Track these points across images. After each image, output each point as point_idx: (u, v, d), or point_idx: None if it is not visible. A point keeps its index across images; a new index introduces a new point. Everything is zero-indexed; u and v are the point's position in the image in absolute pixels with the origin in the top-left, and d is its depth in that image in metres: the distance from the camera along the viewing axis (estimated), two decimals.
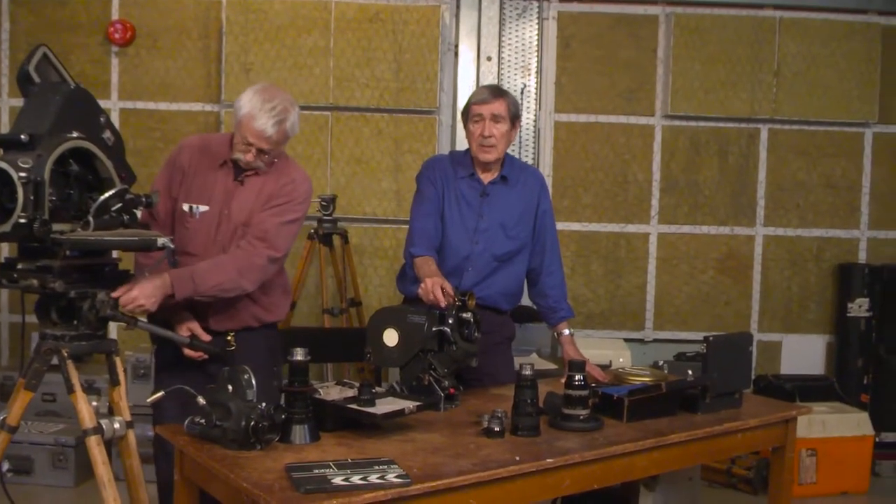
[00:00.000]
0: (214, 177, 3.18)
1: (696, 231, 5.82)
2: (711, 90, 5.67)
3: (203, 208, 3.16)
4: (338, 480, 2.16)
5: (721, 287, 5.84)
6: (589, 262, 5.79)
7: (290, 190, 3.20)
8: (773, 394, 5.02)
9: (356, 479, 2.17)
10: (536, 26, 5.72)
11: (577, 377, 2.76)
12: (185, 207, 3.18)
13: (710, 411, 3.03)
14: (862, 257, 5.88)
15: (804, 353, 5.87)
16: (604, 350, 4.89)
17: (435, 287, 2.99)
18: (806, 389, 5.33)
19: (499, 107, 3.35)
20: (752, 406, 3.21)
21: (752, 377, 5.47)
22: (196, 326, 3.11)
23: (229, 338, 3.18)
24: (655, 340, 5.83)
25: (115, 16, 5.61)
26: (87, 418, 2.61)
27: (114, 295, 2.74)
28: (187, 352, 3.07)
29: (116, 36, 5.56)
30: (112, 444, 2.76)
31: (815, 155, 5.83)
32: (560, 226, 5.15)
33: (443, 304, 2.96)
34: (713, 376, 3.04)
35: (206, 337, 3.11)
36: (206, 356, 3.09)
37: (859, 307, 5.68)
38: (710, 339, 3.10)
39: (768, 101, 5.69)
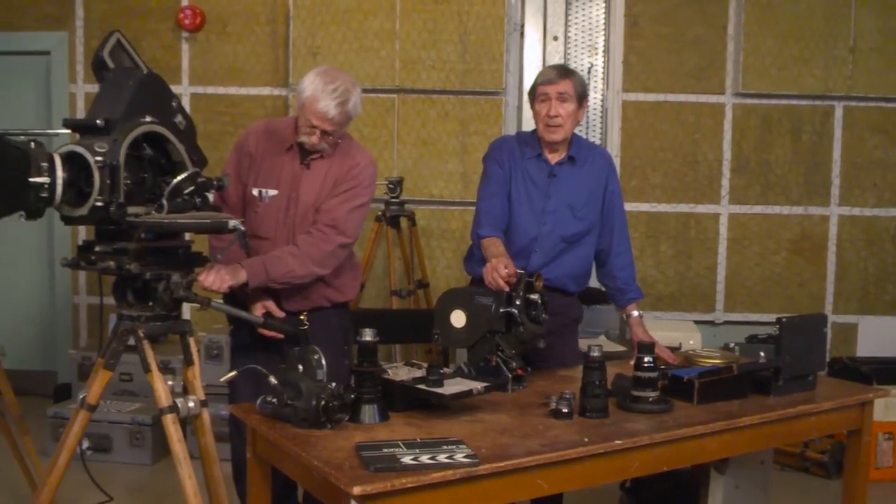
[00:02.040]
0: (281, 161, 3.23)
1: (769, 211, 5.71)
2: (784, 67, 5.54)
3: (272, 192, 3.21)
4: (407, 459, 2.17)
5: (794, 268, 5.73)
6: (658, 243, 5.72)
7: (356, 174, 3.24)
8: (848, 376, 4.90)
9: (425, 459, 2.18)
10: (603, 4, 5.65)
11: (646, 359, 2.74)
12: (255, 192, 3.23)
13: (783, 394, 2.98)
14: None
15: (881, 335, 5.73)
16: (673, 332, 4.83)
17: (499, 266, 2.97)
18: (883, 372, 5.19)
19: (565, 86, 3.31)
20: (827, 389, 3.14)
21: (827, 360, 5.36)
22: (271, 304, 3.17)
23: (302, 317, 3.24)
24: (726, 322, 5.76)
25: (185, 2, 5.71)
26: (162, 397, 2.67)
27: (198, 282, 2.85)
28: (261, 331, 3.12)
29: (186, 22, 5.65)
30: (187, 423, 2.81)
31: (893, 132, 5.67)
32: (628, 206, 5.09)
33: (504, 288, 2.95)
34: (786, 358, 2.98)
35: (281, 314, 3.17)
36: (280, 336, 3.14)
37: None
38: (784, 320, 3.04)
39: (843, 78, 5.55)
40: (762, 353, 3.08)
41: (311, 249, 3.14)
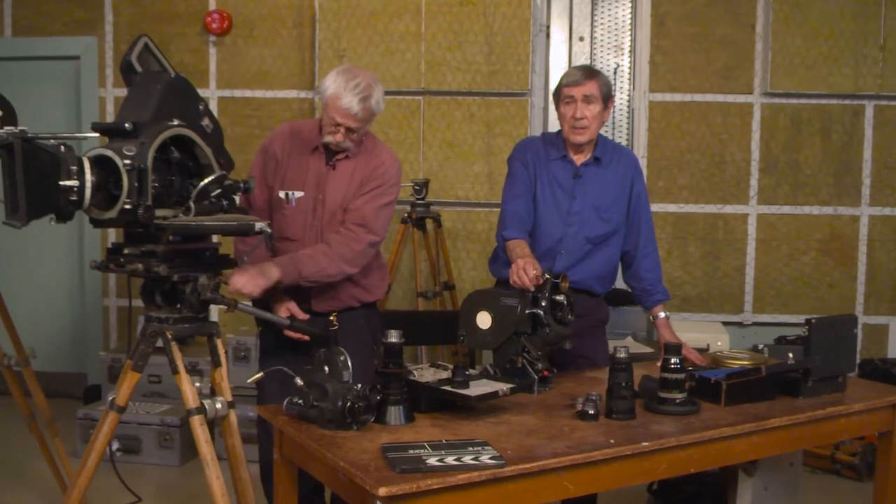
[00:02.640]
0: (307, 162, 3.25)
1: (798, 211, 5.66)
2: (813, 66, 5.49)
3: (298, 194, 3.24)
4: (432, 461, 2.17)
5: (824, 269, 5.68)
6: (685, 244, 5.69)
7: (381, 173, 3.25)
8: (879, 378, 4.85)
9: (450, 460, 2.18)
10: (630, 4, 5.63)
11: (673, 360, 2.72)
12: (282, 194, 3.25)
13: (813, 395, 2.95)
14: None
15: None
16: (701, 333, 4.81)
17: (527, 266, 2.97)
18: None
19: (591, 87, 3.30)
20: (857, 390, 3.11)
21: (858, 361, 5.31)
22: (294, 307, 3.18)
23: (332, 318, 3.26)
24: (755, 324, 5.71)
25: (212, 6, 5.75)
26: (190, 399, 2.68)
27: (229, 286, 2.88)
28: (288, 333, 3.13)
29: (214, 26, 5.69)
30: (215, 424, 2.83)
31: None
32: (655, 207, 5.08)
33: (530, 287, 2.94)
34: (815, 360, 2.95)
35: (304, 316, 3.18)
36: (306, 338, 3.15)
37: None
38: (813, 321, 3.01)
39: (874, 77, 5.49)
40: (791, 355, 3.06)
41: (342, 248, 3.16)
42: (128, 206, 2.50)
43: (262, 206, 3.30)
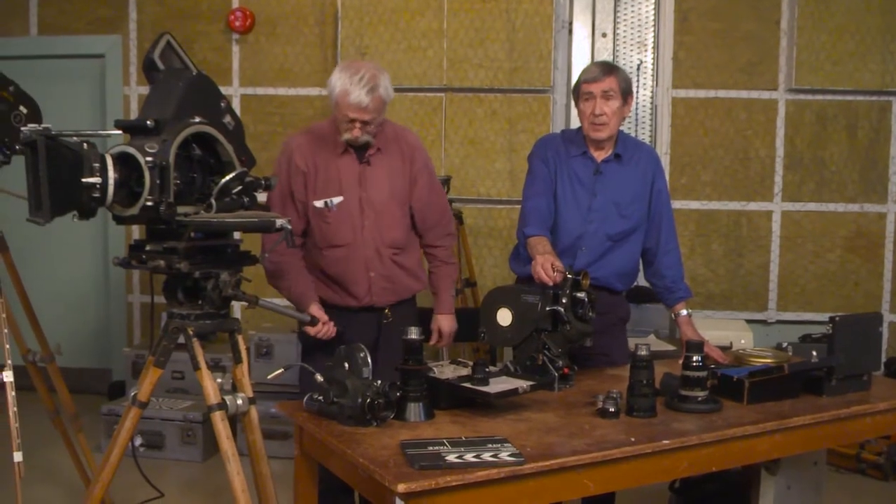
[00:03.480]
0: (337, 166, 3.24)
1: (823, 209, 5.61)
2: (839, 62, 5.44)
3: (338, 199, 3.23)
4: (452, 458, 2.17)
5: (849, 266, 5.62)
6: (709, 242, 5.65)
7: (423, 161, 3.36)
8: None
9: (470, 457, 2.18)
10: (653, 0, 5.59)
11: (694, 358, 2.70)
12: (319, 204, 3.24)
13: (837, 394, 2.92)
14: None
15: None
16: (724, 331, 4.77)
17: (545, 263, 2.96)
18: None
19: (609, 83, 3.28)
20: (883, 389, 3.07)
21: (883, 360, 5.26)
22: (314, 309, 3.18)
23: (386, 311, 3.29)
24: (779, 322, 5.67)
25: (235, 4, 5.78)
26: (211, 395, 2.69)
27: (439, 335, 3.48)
28: (307, 329, 3.14)
29: (237, 24, 5.72)
30: (236, 420, 2.84)
31: None
32: (678, 204, 5.04)
33: (550, 282, 2.93)
34: (839, 358, 2.92)
35: (325, 317, 3.18)
36: (332, 334, 3.16)
37: None
38: (837, 319, 2.99)
39: None
40: (814, 353, 3.03)
41: (454, 259, 3.56)
42: (150, 203, 2.51)
43: (297, 225, 3.29)
